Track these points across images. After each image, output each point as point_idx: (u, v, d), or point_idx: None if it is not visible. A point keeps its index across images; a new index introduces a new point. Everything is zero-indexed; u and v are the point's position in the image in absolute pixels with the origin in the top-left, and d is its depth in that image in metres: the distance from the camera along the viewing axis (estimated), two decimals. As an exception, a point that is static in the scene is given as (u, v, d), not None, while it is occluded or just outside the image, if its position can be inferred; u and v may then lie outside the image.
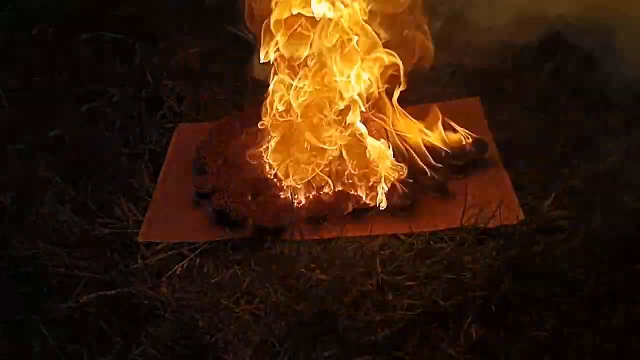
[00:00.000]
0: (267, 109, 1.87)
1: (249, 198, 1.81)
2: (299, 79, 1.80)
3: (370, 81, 1.81)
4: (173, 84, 2.35)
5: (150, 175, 1.97)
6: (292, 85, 1.81)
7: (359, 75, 1.78)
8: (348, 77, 1.77)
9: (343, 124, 1.81)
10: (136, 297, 1.59)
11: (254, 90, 2.10)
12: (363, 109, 1.80)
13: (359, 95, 1.79)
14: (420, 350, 1.46)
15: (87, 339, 1.53)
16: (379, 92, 1.85)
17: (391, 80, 1.85)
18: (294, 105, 1.80)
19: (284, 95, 1.82)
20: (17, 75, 2.45)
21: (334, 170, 1.84)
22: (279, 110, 1.83)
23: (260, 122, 1.89)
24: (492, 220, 1.69)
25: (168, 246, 1.74)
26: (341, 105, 1.78)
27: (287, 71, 1.82)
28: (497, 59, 2.18)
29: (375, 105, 1.88)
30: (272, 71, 1.85)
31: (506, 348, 1.45)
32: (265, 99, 1.87)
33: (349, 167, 1.82)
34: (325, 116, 1.81)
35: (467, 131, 1.92)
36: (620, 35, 2.01)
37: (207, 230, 1.78)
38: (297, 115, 1.81)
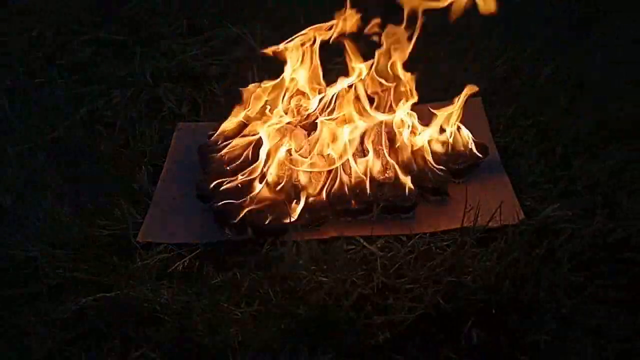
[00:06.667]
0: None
1: (249, 199, 1.81)
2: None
3: None
4: (173, 86, 2.35)
5: (150, 177, 1.97)
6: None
7: None
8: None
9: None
10: (135, 299, 1.58)
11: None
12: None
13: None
14: (420, 354, 1.46)
15: (87, 342, 1.53)
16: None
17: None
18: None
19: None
20: (17, 76, 2.44)
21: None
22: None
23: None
24: (492, 221, 1.69)
25: (168, 248, 1.73)
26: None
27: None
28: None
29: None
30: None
31: (507, 351, 1.45)
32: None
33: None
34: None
35: (468, 133, 1.92)
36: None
37: (207, 232, 1.78)
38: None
